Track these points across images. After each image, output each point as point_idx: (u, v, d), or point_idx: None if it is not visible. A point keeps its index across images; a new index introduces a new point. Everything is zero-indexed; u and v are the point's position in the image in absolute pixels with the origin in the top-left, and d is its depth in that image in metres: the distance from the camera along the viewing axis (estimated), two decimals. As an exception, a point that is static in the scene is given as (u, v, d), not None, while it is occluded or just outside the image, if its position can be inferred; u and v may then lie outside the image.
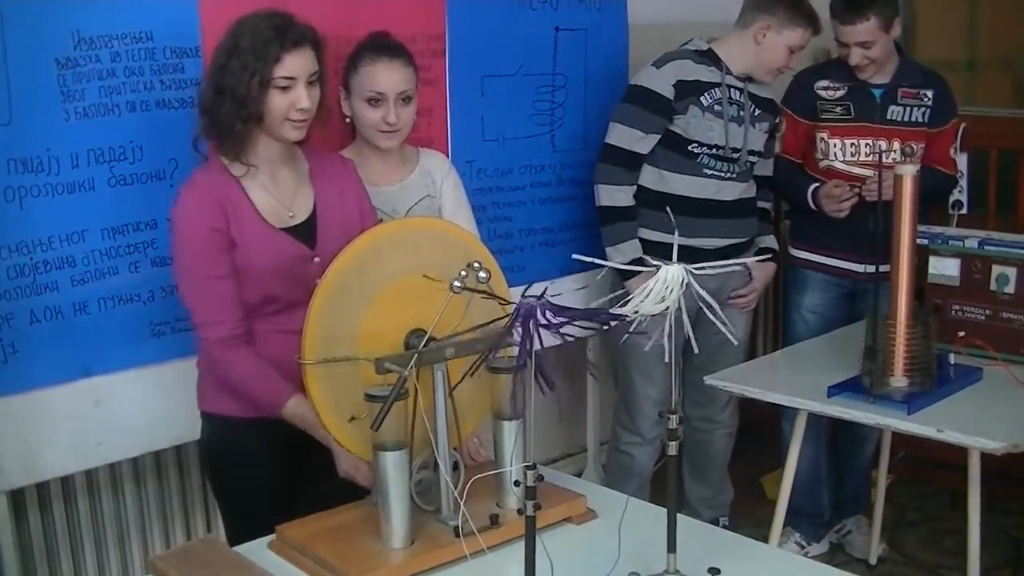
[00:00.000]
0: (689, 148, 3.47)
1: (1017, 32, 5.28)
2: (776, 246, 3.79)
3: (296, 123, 2.40)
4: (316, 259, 2.45)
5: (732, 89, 3.50)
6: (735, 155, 3.51)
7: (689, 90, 3.45)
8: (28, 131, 2.58)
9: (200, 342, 2.47)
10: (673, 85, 3.43)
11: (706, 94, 3.46)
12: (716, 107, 3.47)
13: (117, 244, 2.76)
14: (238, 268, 2.40)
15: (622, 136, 3.49)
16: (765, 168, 3.71)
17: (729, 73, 3.50)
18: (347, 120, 2.87)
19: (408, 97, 2.82)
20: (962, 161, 3.87)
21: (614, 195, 3.50)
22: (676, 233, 2.05)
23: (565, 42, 3.65)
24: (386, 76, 2.78)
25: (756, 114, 3.57)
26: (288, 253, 2.44)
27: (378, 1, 3.11)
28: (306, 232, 2.48)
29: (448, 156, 3.28)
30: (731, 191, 3.55)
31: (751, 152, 3.56)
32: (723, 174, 3.52)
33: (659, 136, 3.48)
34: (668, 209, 3.14)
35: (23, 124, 2.57)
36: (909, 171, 2.80)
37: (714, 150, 3.49)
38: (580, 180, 3.72)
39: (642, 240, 3.51)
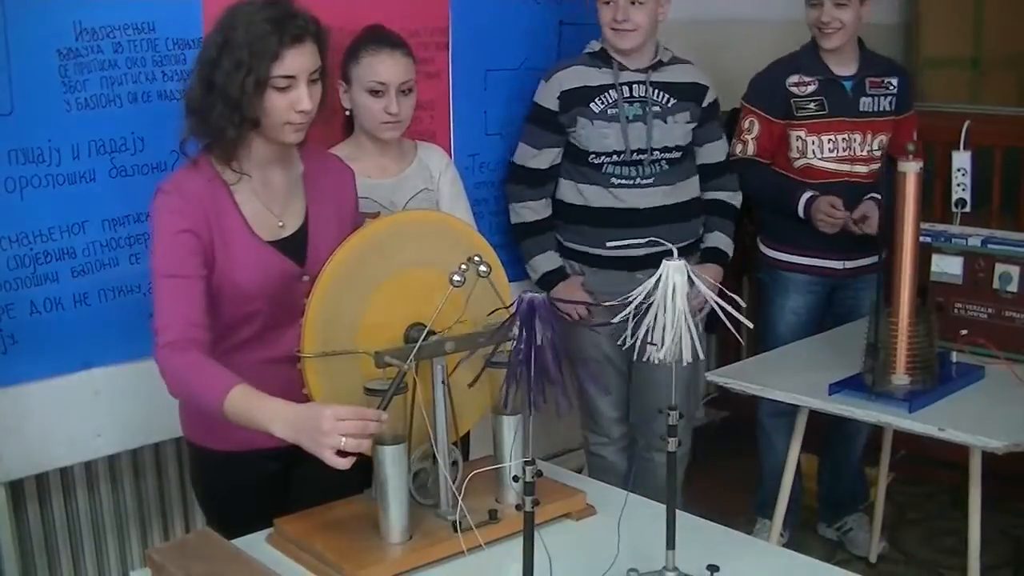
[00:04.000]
0: (591, 159, 3.34)
1: (1023, 31, 5.27)
2: (724, 245, 3.53)
3: (296, 125, 2.23)
4: (305, 277, 2.30)
5: (634, 85, 3.33)
6: (641, 157, 3.34)
7: (575, 100, 3.31)
8: (29, 122, 2.57)
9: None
10: (558, 97, 3.33)
11: (597, 99, 3.31)
12: (610, 111, 3.31)
13: (118, 235, 2.75)
14: (217, 286, 2.23)
15: (520, 154, 3.42)
16: (712, 154, 3.52)
17: (624, 69, 3.33)
18: (347, 113, 2.87)
19: (409, 88, 2.83)
20: (966, 159, 3.86)
21: (520, 212, 3.43)
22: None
23: (569, 36, 3.63)
24: (389, 66, 2.79)
25: (670, 105, 3.35)
26: (275, 270, 2.29)
27: (382, -7, 3.11)
28: (295, 246, 2.33)
29: (450, 149, 3.27)
30: (648, 198, 3.35)
31: (667, 148, 3.36)
32: (631, 181, 3.34)
33: (556, 150, 3.37)
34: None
35: (24, 115, 2.56)
36: (912, 168, 2.79)
37: (614, 156, 3.32)
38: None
39: (576, 252, 3.42)
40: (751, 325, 1.76)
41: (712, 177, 3.54)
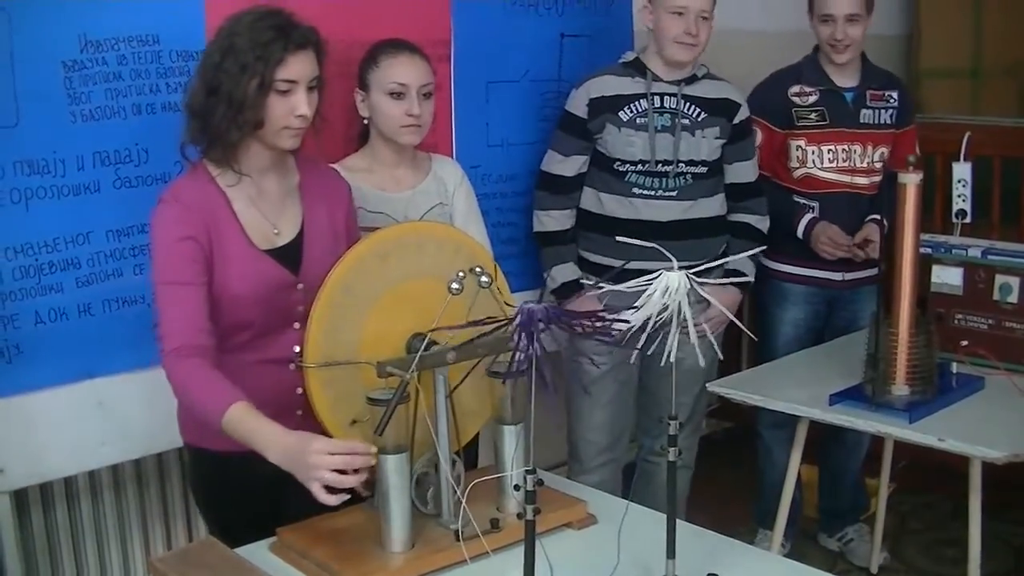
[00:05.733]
0: (615, 167, 3.31)
1: (1023, 41, 5.28)
2: (748, 270, 3.44)
3: (294, 131, 2.29)
4: (299, 286, 2.34)
5: (666, 96, 3.31)
6: (665, 168, 3.30)
7: (605, 106, 3.29)
8: (34, 133, 2.59)
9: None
10: (587, 104, 3.31)
11: (627, 108, 3.29)
12: (639, 120, 3.28)
13: (122, 246, 2.76)
14: (215, 293, 2.26)
15: (547, 160, 3.41)
16: (741, 174, 3.45)
17: (658, 79, 3.32)
18: (364, 122, 2.88)
19: (428, 92, 2.84)
20: (966, 170, 3.87)
21: (542, 220, 3.42)
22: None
23: (570, 48, 3.65)
24: (409, 68, 2.81)
25: (700, 119, 3.32)
26: (271, 279, 2.32)
27: (384, 6, 3.12)
28: (291, 254, 2.36)
29: (452, 161, 3.28)
30: (669, 211, 3.31)
31: (693, 162, 3.31)
32: (654, 192, 3.30)
33: (583, 158, 3.35)
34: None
35: (29, 126, 2.57)
36: (913, 180, 2.80)
37: (639, 166, 3.29)
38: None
39: (588, 263, 3.40)
40: (755, 337, 1.78)
41: (740, 198, 3.47)
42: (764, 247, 3.40)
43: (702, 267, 1.88)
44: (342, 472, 1.96)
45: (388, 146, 2.87)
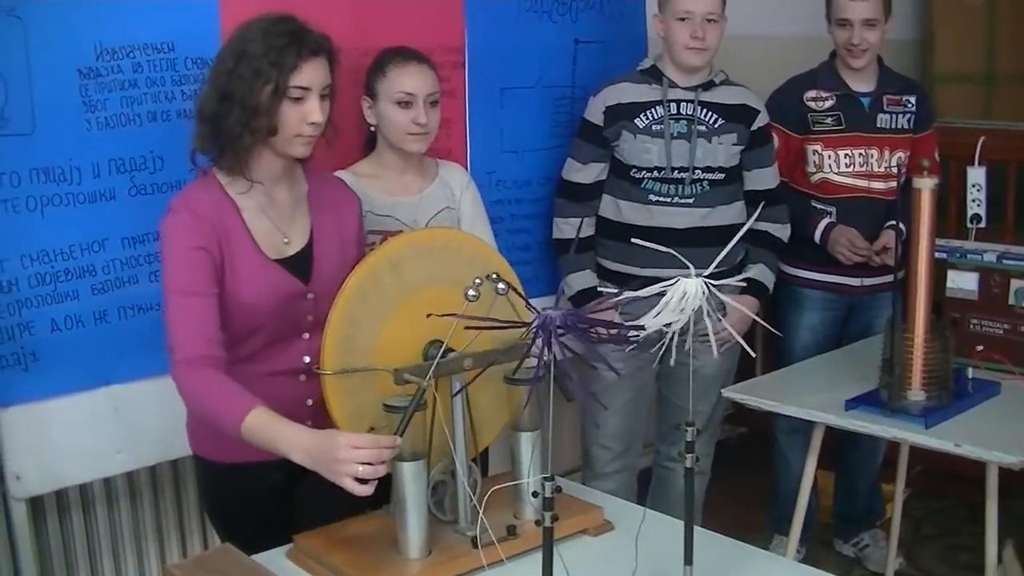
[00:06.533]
0: (631, 174, 3.31)
1: (1036, 46, 5.28)
2: (765, 278, 3.45)
3: (306, 139, 2.28)
4: (309, 295, 2.35)
5: (682, 103, 3.31)
6: (681, 175, 3.29)
7: (621, 114, 3.30)
8: (50, 141, 2.60)
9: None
10: (603, 112, 3.32)
11: (643, 115, 3.29)
12: (655, 127, 3.29)
13: (137, 253, 2.77)
14: (224, 302, 2.25)
15: (566, 168, 3.42)
16: (760, 181, 3.43)
17: (674, 86, 3.32)
18: (371, 129, 2.89)
19: (435, 100, 2.85)
20: (980, 175, 3.87)
21: (561, 227, 3.43)
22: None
23: (584, 54, 3.65)
24: (417, 77, 2.82)
25: (717, 125, 3.31)
26: (281, 288, 2.32)
27: (398, 13, 3.13)
28: (301, 264, 2.36)
29: (467, 167, 3.29)
30: (684, 218, 3.30)
31: (710, 169, 3.31)
32: (670, 199, 3.30)
33: (601, 165, 3.35)
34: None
35: (45, 134, 2.58)
36: (927, 185, 2.80)
37: (655, 172, 3.29)
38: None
39: (606, 270, 3.40)
40: (780, 334, 1.76)
41: (759, 206, 3.43)
42: (754, 218, 3.39)
43: (716, 270, 1.85)
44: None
45: (395, 153, 2.89)
